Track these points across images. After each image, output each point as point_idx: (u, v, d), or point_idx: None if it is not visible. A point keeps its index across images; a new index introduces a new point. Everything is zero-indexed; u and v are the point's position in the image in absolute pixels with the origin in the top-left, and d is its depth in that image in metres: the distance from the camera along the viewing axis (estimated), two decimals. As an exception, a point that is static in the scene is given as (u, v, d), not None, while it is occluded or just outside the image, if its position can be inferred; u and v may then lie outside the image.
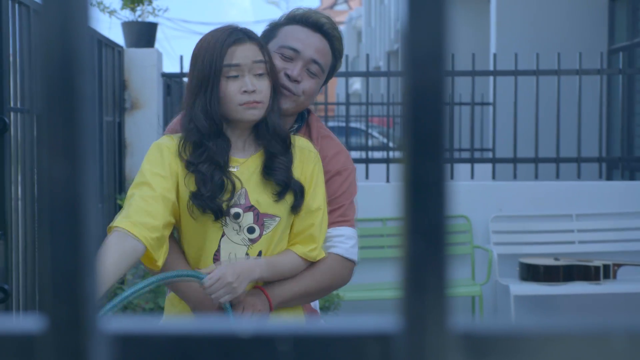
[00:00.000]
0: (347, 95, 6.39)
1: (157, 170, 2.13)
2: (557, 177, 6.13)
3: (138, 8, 5.82)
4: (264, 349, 0.47)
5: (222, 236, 2.16)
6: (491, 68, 6.70)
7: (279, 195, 2.17)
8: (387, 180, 6.09)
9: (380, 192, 5.80)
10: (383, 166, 6.27)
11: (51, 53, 0.39)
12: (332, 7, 47.45)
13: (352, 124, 14.15)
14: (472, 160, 6.17)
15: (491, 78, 7.08)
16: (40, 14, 0.39)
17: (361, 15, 31.43)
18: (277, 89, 2.20)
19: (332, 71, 2.41)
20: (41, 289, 0.41)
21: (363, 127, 14.25)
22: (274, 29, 2.36)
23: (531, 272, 5.46)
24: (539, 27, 8.74)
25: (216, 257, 2.17)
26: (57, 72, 0.39)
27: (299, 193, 2.19)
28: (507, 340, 0.47)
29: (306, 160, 2.23)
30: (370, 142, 14.70)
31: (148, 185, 2.10)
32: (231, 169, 2.18)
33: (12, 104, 3.53)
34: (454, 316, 0.43)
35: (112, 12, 5.91)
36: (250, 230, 2.17)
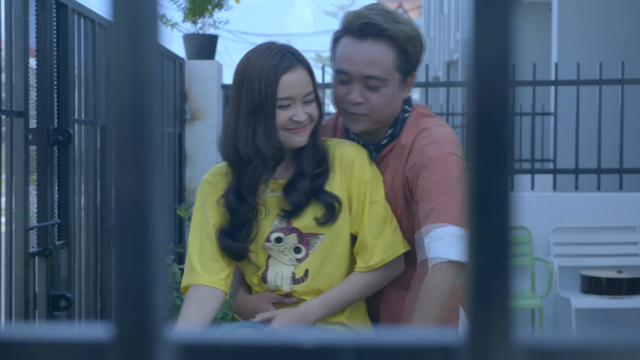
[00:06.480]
0: (406, 106, 6.36)
1: (205, 210, 2.21)
2: (620, 188, 6.01)
3: (199, 20, 5.89)
4: (326, 359, 0.47)
5: (269, 257, 2.19)
6: (552, 78, 6.61)
7: (292, 214, 2.15)
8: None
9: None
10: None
11: (121, 67, 0.39)
12: (390, 17, 47.32)
13: (411, 135, 14.08)
14: (532, 171, 6.09)
15: (552, 88, 6.99)
16: (111, 29, 0.40)
17: (420, 26, 31.32)
18: (322, 110, 2.18)
19: (410, 62, 2.19)
20: (108, 298, 0.42)
21: (421, 137, 14.15)
22: (334, 45, 2.24)
23: (593, 285, 5.36)
24: (602, 35, 8.61)
25: (264, 277, 2.20)
26: (127, 85, 0.39)
27: (329, 207, 2.15)
28: (572, 354, 0.46)
29: (348, 169, 2.19)
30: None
31: (202, 230, 2.20)
32: (270, 195, 2.19)
33: (76, 116, 3.60)
34: (518, 329, 0.43)
35: (173, 25, 5.99)
36: (297, 250, 2.18)
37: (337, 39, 2.23)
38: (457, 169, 2.11)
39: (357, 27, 2.16)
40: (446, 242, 2.02)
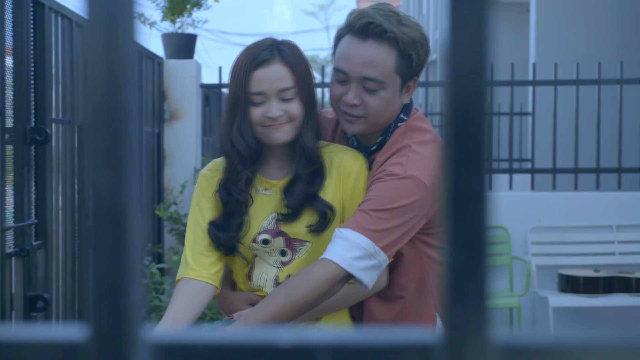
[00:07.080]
0: (385, 106, 6.36)
1: (201, 204, 2.22)
2: (597, 187, 6.06)
3: (178, 20, 5.87)
4: (303, 359, 0.47)
5: (255, 256, 2.19)
6: (530, 78, 6.65)
7: (291, 217, 2.14)
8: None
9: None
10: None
11: (97, 65, 0.39)
12: (369, 17, 47.32)
13: (390, 134, 14.09)
14: (510, 171, 6.13)
15: (530, 88, 7.03)
16: (87, 27, 0.40)
17: (399, 26, 31.29)
18: (313, 109, 2.13)
19: (411, 66, 2.13)
20: (84, 298, 0.42)
21: (400, 137, 14.17)
22: (336, 42, 2.18)
23: (570, 284, 5.40)
24: (579, 36, 8.67)
25: (249, 275, 2.20)
26: (103, 84, 0.39)
27: (322, 215, 2.12)
28: (548, 353, 0.46)
29: (345, 178, 2.16)
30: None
31: (196, 224, 2.21)
32: (263, 192, 2.18)
33: (53, 115, 3.58)
34: (495, 328, 0.43)
35: (152, 24, 5.96)
36: (283, 253, 2.17)
37: (339, 36, 2.18)
38: (409, 193, 2.05)
39: (359, 27, 2.10)
40: (345, 246, 1.99)
